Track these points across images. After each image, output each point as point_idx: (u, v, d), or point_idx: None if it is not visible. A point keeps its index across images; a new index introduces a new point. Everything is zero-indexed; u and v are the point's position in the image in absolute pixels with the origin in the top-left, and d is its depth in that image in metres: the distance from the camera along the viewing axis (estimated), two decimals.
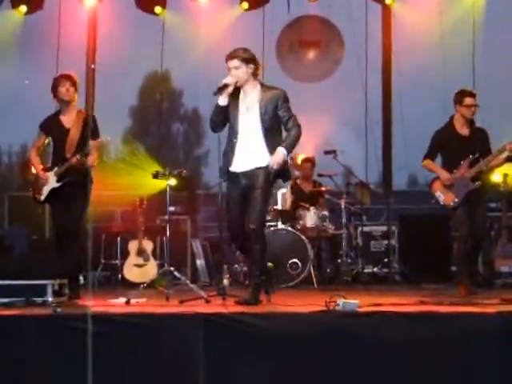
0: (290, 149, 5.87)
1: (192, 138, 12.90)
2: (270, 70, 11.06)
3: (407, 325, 4.81)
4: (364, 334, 4.79)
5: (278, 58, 11.32)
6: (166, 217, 7.26)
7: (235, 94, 6.00)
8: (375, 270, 9.35)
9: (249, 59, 5.91)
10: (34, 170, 6.92)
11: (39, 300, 5.75)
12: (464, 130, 7.16)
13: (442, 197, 7.09)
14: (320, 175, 9.47)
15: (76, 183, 6.72)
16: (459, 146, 7.08)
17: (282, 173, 5.97)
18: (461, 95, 7.13)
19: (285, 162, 5.88)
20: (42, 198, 6.83)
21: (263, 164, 5.90)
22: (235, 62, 5.90)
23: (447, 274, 8.54)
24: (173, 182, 7.10)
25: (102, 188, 9.43)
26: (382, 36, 11.22)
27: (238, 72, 5.90)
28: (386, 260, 9.28)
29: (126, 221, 9.66)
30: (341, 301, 5.02)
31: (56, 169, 6.76)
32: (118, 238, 9.33)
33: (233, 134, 6.00)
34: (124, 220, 9.85)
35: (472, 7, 10.56)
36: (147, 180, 9.33)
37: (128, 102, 11.89)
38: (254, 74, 5.96)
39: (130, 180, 10.13)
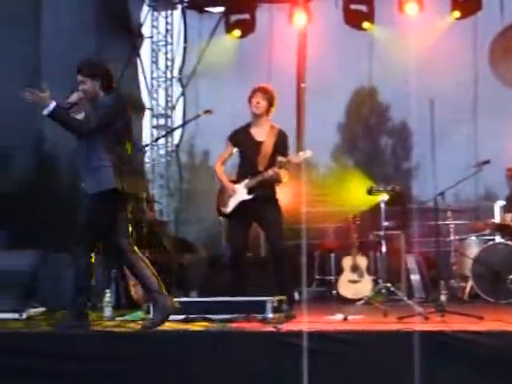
0: (59, 111, 5.48)
1: (400, 151, 12.70)
2: (483, 78, 10.74)
3: None
4: None
5: (490, 66, 10.93)
6: (381, 232, 7.14)
7: None
8: None
9: (94, 73, 5.61)
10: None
11: (259, 316, 5.82)
12: None
13: None
14: None
15: (266, 198, 6.63)
16: None
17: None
18: None
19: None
20: (229, 210, 6.69)
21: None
22: (79, 77, 5.64)
23: None
24: (386, 197, 6.95)
25: (314, 205, 9.58)
26: None
27: (84, 86, 5.64)
28: None
29: (340, 237, 9.68)
30: None
31: (247, 181, 6.62)
32: (332, 254, 9.34)
33: None
34: (337, 236, 9.86)
35: None
36: (357, 195, 9.30)
37: (336, 118, 11.89)
38: (104, 87, 5.66)
39: (340, 196, 10.13)
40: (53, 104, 5.46)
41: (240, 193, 6.65)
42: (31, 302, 7.09)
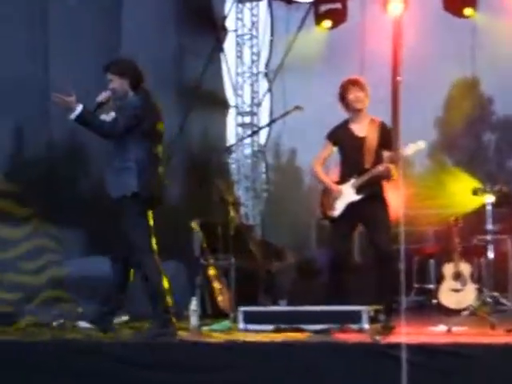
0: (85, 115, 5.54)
1: (505, 148, 12.05)
2: None
3: None
4: None
5: None
6: (486, 236, 6.71)
7: None
8: None
9: (122, 71, 5.70)
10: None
11: (354, 326, 5.62)
12: None
13: None
14: None
15: (375, 196, 6.32)
16: None
17: None
18: None
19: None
20: (337, 213, 6.39)
21: None
22: (108, 76, 5.75)
23: None
24: (492, 198, 6.62)
25: (412, 206, 9.04)
26: None
27: (113, 85, 5.72)
28: None
29: (440, 241, 9.14)
30: None
31: (353, 180, 6.34)
32: (431, 260, 8.92)
33: None
34: (437, 241, 9.31)
35: None
36: (459, 196, 8.94)
37: (434, 112, 11.37)
38: (133, 86, 5.71)
39: (440, 196, 9.70)
40: (80, 108, 5.52)
41: (347, 193, 6.37)
42: None
